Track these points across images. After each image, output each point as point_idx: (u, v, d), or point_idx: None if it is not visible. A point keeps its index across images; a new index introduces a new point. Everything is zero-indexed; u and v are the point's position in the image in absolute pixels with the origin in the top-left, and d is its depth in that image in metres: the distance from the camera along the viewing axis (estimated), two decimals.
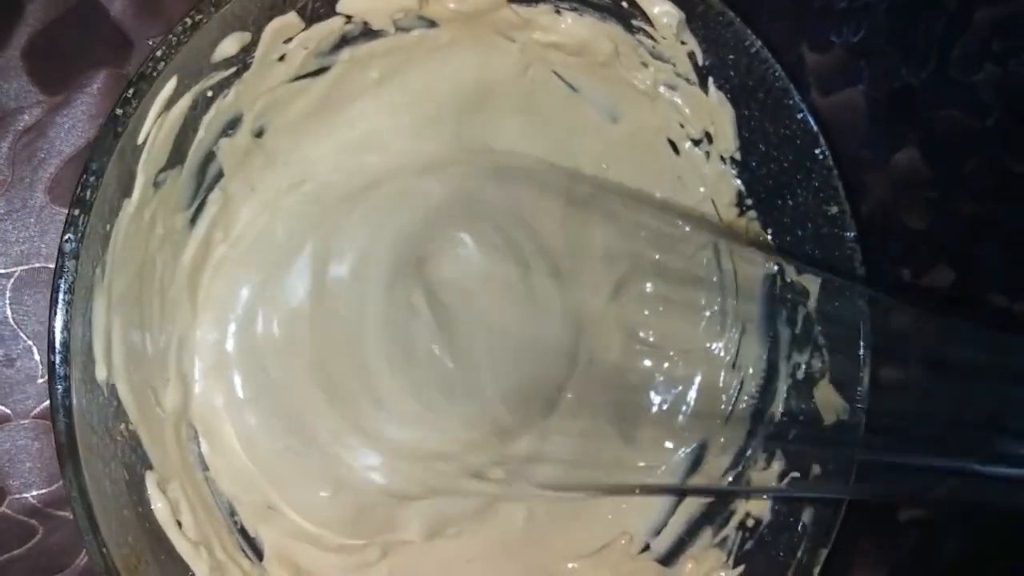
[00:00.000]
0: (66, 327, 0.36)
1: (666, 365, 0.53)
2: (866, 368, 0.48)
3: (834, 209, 0.47)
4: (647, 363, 0.53)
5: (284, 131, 0.46)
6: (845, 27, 0.57)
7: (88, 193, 0.35)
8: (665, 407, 0.54)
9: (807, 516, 0.48)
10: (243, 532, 0.47)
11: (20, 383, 0.48)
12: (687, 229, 0.53)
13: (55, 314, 0.35)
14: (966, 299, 0.59)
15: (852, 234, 0.47)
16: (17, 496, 0.48)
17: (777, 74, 0.46)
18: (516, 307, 0.50)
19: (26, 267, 0.48)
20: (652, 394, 0.54)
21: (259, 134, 0.45)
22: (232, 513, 0.46)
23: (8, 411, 0.48)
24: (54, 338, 0.35)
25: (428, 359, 0.48)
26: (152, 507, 0.41)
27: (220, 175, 0.45)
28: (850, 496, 0.46)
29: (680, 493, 0.52)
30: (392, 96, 0.48)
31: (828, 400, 0.48)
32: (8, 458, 0.48)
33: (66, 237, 0.35)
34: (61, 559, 0.48)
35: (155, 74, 0.37)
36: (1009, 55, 0.59)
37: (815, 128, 0.46)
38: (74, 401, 0.36)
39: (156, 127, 0.38)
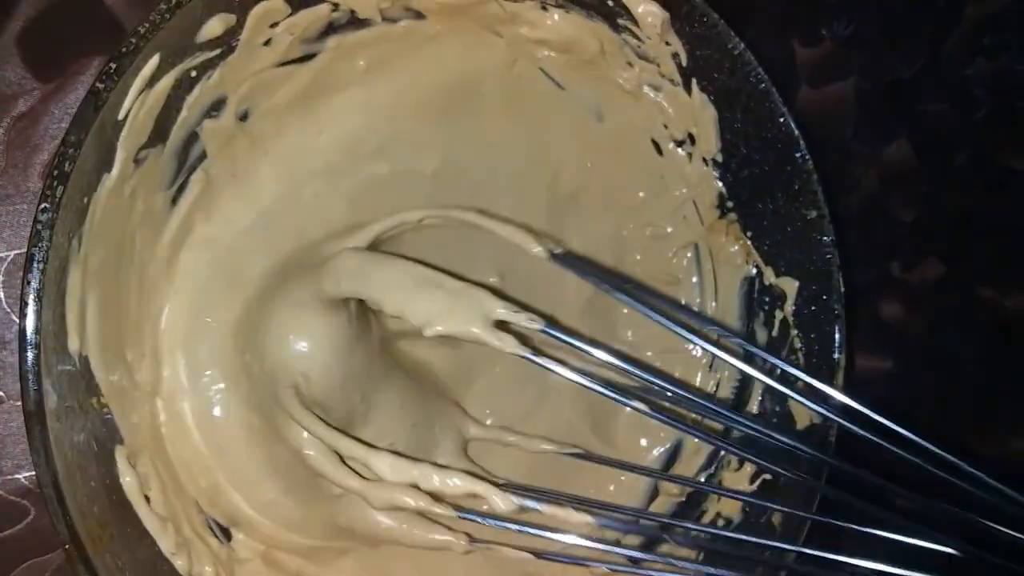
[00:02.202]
0: (38, 295, 0.36)
1: (644, 365, 0.53)
2: (840, 372, 0.48)
3: (813, 213, 0.47)
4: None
5: (269, 116, 0.46)
6: (836, 20, 0.57)
7: (66, 164, 0.36)
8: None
9: (777, 517, 0.48)
10: None
11: (14, 365, 0.48)
12: (668, 230, 0.54)
13: (28, 281, 0.36)
14: (956, 292, 0.58)
15: (830, 238, 0.47)
16: (10, 476, 0.48)
17: (760, 77, 0.46)
18: None
19: (19, 251, 0.49)
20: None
21: (243, 117, 0.46)
22: None
23: (2, 393, 0.49)
24: (26, 304, 0.36)
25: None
26: (120, 480, 0.41)
27: (203, 156, 0.45)
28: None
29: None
30: (378, 87, 0.49)
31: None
32: (1, 439, 0.49)
33: (42, 207, 0.36)
34: (52, 540, 0.48)
35: (137, 51, 0.37)
36: (1000, 50, 0.59)
37: (795, 131, 0.47)
38: (43, 368, 0.36)
39: (138, 103, 0.39)
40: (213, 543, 0.45)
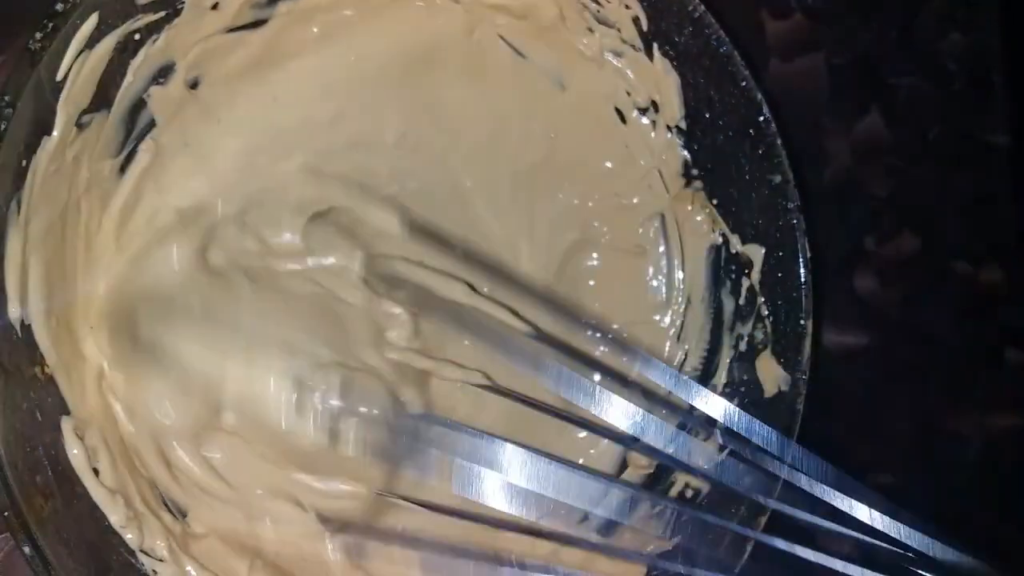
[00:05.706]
0: None
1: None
2: (807, 339, 0.47)
3: (778, 178, 0.46)
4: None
5: (221, 84, 0.46)
6: None
7: (1, 124, 0.35)
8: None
9: (745, 486, 0.47)
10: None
11: None
12: (634, 200, 0.53)
13: None
14: (930, 267, 0.57)
15: (795, 204, 0.46)
16: None
17: (721, 39, 0.46)
18: None
19: None
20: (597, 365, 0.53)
21: (194, 85, 0.45)
22: None
23: None
24: None
25: None
26: (67, 452, 0.40)
27: (152, 124, 0.44)
28: None
29: None
30: (333, 55, 0.48)
31: (769, 371, 0.48)
32: None
33: None
34: None
35: (74, 9, 0.36)
36: (973, 22, 0.58)
37: (758, 95, 0.46)
38: None
39: (77, 65, 0.38)
40: (167, 518, 0.44)
